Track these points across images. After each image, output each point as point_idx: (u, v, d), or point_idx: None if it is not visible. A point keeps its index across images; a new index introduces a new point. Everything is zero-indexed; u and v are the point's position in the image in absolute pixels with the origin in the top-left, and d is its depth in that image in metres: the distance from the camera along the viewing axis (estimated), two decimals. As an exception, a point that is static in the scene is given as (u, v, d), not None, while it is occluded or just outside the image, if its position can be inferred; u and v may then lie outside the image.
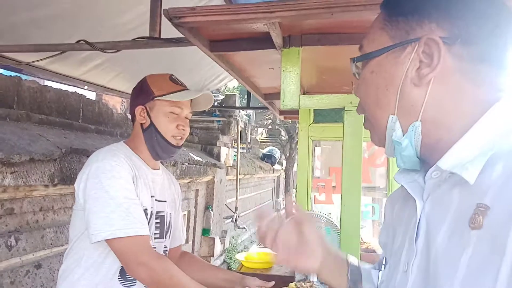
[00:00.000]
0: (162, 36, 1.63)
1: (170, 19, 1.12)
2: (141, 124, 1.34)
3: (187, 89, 1.38)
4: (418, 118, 0.57)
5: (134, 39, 1.58)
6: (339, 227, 1.37)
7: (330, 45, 1.31)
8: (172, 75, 1.38)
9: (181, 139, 1.36)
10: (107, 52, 1.68)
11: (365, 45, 0.64)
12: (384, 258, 0.71)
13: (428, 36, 0.54)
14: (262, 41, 1.33)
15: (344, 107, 1.29)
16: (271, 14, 1.06)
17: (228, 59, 1.65)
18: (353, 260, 0.78)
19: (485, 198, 0.49)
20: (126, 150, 1.32)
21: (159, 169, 1.43)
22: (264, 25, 1.15)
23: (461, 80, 0.55)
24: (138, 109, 1.34)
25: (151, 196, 1.30)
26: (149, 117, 1.32)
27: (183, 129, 1.34)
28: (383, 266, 0.71)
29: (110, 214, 1.15)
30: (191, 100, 1.39)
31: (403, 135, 0.59)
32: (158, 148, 1.33)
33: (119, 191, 1.17)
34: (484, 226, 0.47)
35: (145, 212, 1.25)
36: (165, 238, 1.39)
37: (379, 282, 0.73)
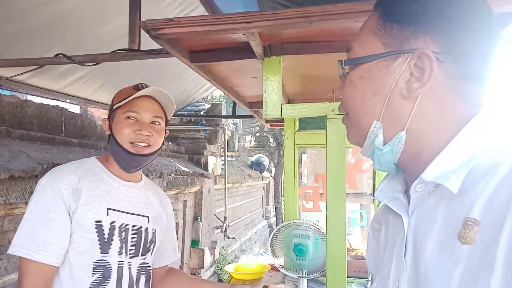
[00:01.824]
0: (143, 47, 1.61)
1: (147, 31, 1.11)
2: (108, 136, 1.29)
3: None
4: (404, 128, 0.57)
5: (113, 51, 1.55)
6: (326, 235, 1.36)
7: (310, 54, 1.31)
8: (140, 83, 1.29)
9: (146, 146, 1.24)
10: (86, 65, 1.65)
11: (355, 48, 0.62)
12: (371, 275, 0.71)
13: (422, 50, 0.54)
14: (243, 50, 1.33)
15: (327, 115, 1.29)
16: (249, 24, 1.06)
17: (210, 69, 1.64)
18: None
19: (472, 211, 0.49)
20: (89, 163, 1.26)
21: (138, 181, 1.35)
22: (243, 35, 1.15)
23: (448, 96, 0.55)
24: (104, 123, 1.31)
25: (110, 209, 1.22)
26: (110, 128, 1.27)
27: (140, 134, 1.22)
28: (369, 283, 0.70)
29: (18, 229, 1.13)
30: (159, 104, 1.30)
31: (385, 142, 0.59)
32: (119, 157, 1.25)
33: (37, 207, 1.14)
34: (476, 241, 0.47)
35: (99, 225, 1.18)
36: (145, 254, 1.30)
37: None
